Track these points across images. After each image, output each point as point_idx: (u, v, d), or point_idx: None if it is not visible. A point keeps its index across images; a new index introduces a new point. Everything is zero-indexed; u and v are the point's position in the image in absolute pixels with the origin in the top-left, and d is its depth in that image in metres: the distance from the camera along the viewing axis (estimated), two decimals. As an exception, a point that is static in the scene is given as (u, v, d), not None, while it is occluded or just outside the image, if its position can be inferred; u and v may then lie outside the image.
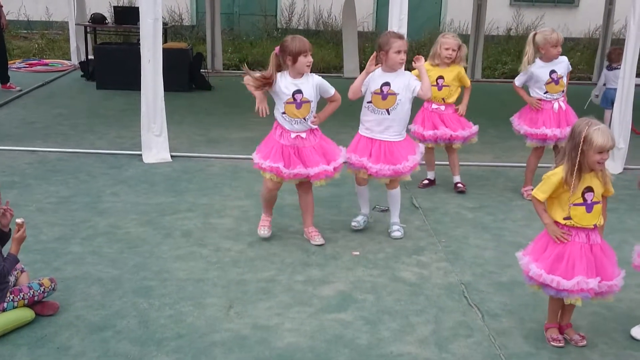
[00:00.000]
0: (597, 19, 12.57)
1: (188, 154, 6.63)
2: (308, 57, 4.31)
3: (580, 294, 3.26)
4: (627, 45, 6.35)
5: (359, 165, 4.58)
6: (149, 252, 4.41)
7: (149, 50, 6.15)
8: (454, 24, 15.08)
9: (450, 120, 5.63)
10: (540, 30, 5.50)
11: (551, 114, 5.49)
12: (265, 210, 4.69)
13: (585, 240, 3.31)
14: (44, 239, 4.55)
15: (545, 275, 3.29)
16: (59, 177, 5.82)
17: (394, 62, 4.47)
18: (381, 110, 4.53)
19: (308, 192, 4.62)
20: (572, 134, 3.26)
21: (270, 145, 4.45)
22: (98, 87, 9.74)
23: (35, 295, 3.51)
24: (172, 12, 14.79)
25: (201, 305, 3.74)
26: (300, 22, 15.44)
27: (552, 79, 5.45)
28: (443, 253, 4.57)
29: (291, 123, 4.37)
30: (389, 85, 4.50)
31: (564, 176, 3.24)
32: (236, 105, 9.06)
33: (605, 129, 3.20)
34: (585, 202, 3.28)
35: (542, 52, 5.41)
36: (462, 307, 3.84)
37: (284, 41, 4.35)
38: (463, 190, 5.74)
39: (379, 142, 4.57)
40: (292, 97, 4.34)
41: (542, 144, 5.54)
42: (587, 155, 3.19)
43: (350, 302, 3.85)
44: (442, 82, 5.57)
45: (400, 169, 4.56)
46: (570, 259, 3.29)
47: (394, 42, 4.44)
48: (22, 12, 14.99)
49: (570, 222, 3.30)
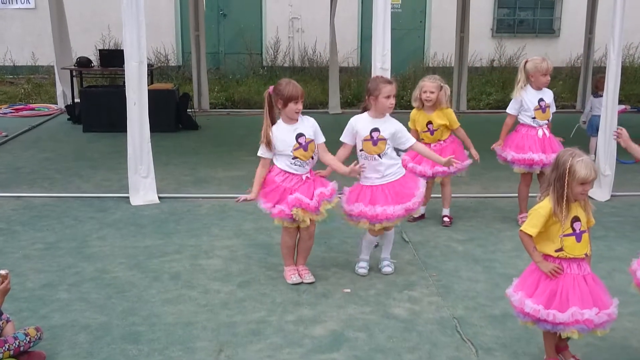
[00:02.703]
0: (578, 48, 12.77)
1: (176, 195, 6.60)
2: (298, 105, 4.34)
3: (575, 326, 3.23)
4: (608, 74, 6.43)
5: (362, 216, 4.48)
6: (137, 296, 4.35)
7: (134, 93, 6.16)
8: (438, 57, 15.26)
9: (447, 153, 5.62)
10: (532, 58, 5.60)
11: (536, 140, 5.57)
12: (289, 260, 4.64)
13: (578, 271, 3.30)
14: (30, 286, 4.48)
15: (543, 311, 3.26)
16: (45, 222, 5.77)
17: (384, 107, 4.48)
18: (374, 156, 4.52)
19: (311, 236, 4.61)
20: (556, 164, 3.28)
21: (276, 190, 4.41)
22: (85, 130, 9.73)
23: (21, 345, 3.44)
24: (158, 52, 14.89)
25: (191, 349, 3.68)
26: (286, 59, 15.58)
27: (540, 106, 5.54)
28: (434, 287, 4.54)
29: (303, 166, 4.39)
30: (378, 131, 4.51)
31: (552, 207, 3.25)
32: (223, 144, 9.08)
33: (588, 160, 3.22)
34: (575, 232, 3.28)
35: (532, 79, 5.53)
36: (455, 342, 3.80)
37: (279, 84, 4.39)
38: (447, 225, 5.74)
39: (380, 187, 4.53)
40: (297, 143, 4.36)
41: (529, 169, 5.59)
42: (571, 187, 3.20)
43: (342, 341, 3.80)
44: (432, 127, 5.62)
45: (410, 206, 4.53)
46: (564, 292, 3.27)
47: (384, 87, 4.46)
48: (7, 57, 15.07)
49: (563, 254, 3.29)
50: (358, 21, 15.67)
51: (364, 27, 15.26)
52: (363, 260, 4.80)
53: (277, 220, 4.46)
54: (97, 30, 14.49)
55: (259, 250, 5.17)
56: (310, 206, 4.35)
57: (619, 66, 6.41)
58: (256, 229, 5.63)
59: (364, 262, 4.79)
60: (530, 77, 5.53)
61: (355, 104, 11.85)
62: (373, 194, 4.51)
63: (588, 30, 11.74)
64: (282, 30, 15.60)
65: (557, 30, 16.10)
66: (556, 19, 16.12)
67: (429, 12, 15.86)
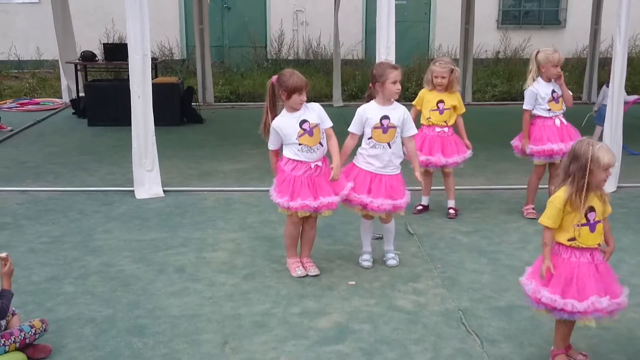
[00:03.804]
0: (584, 39, 12.70)
1: (180, 188, 6.60)
2: (302, 96, 4.32)
3: (593, 314, 3.24)
4: (614, 65, 6.39)
5: (356, 202, 4.53)
6: (143, 289, 4.36)
7: (138, 86, 6.16)
8: (443, 49, 15.20)
9: (449, 144, 5.63)
10: (543, 49, 5.54)
11: (554, 130, 5.52)
12: (292, 252, 4.65)
13: (590, 260, 3.30)
14: (35, 279, 4.50)
15: (560, 300, 3.26)
16: (50, 216, 5.78)
17: (391, 92, 4.46)
18: (383, 144, 4.50)
19: (313, 226, 4.61)
20: (574, 155, 3.25)
21: (288, 182, 4.38)
22: (89, 124, 9.75)
23: (27, 337, 3.46)
24: (162, 46, 14.88)
25: (196, 342, 3.69)
26: (290, 52, 15.55)
27: (553, 97, 5.50)
28: (439, 279, 4.54)
29: (310, 152, 4.36)
30: (388, 118, 4.49)
31: (568, 197, 3.24)
32: (228, 137, 9.07)
33: (606, 146, 3.25)
34: (589, 222, 3.28)
35: (543, 70, 5.47)
36: (460, 334, 3.80)
37: (282, 74, 4.37)
38: (453, 217, 5.73)
39: (379, 176, 4.53)
40: (301, 129, 4.34)
41: (549, 160, 5.55)
42: (595, 175, 3.20)
43: (347, 333, 3.80)
44: (442, 106, 5.59)
45: (399, 203, 4.54)
46: (580, 280, 3.27)
47: (390, 72, 4.43)
48: (12, 52, 15.08)
49: (575, 243, 3.29)
50: (363, 13, 15.62)
51: (369, 20, 15.20)
52: (366, 252, 4.80)
53: (283, 210, 4.44)
54: (102, 24, 14.49)
55: (264, 243, 5.17)
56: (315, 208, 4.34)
57: (625, 57, 6.37)
58: (261, 221, 5.63)
59: (367, 254, 4.79)
60: (541, 68, 5.47)
61: (360, 97, 11.81)
62: (371, 181, 4.51)
63: (594, 21, 11.68)
64: (286, 23, 15.57)
65: (563, 21, 16.01)
66: (562, 9, 16.03)
67: (433, 4, 15.79)
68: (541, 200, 5.77)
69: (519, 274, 4.49)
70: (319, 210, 4.37)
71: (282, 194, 4.38)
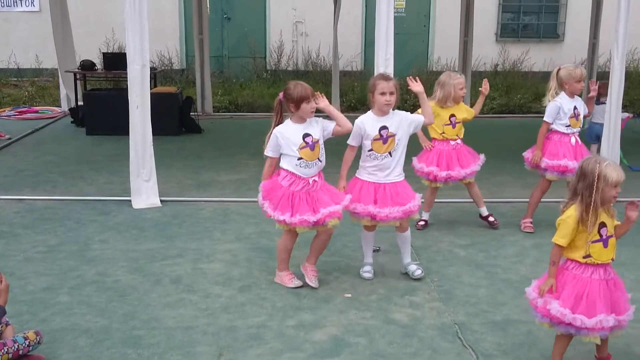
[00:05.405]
0: (582, 52, 12.73)
1: (178, 199, 6.59)
2: (311, 104, 4.32)
3: (600, 332, 3.25)
4: (612, 79, 6.42)
5: (364, 214, 4.51)
6: (138, 300, 4.34)
7: (137, 96, 6.17)
8: (441, 62, 15.24)
9: (464, 155, 5.66)
10: (564, 65, 5.57)
11: (569, 147, 5.53)
12: (285, 265, 4.62)
13: (603, 276, 3.31)
14: (31, 289, 4.48)
15: (570, 315, 3.26)
16: (47, 225, 5.76)
17: (380, 104, 4.47)
18: (384, 155, 4.51)
19: (329, 237, 4.57)
20: (583, 173, 3.27)
21: (287, 198, 4.36)
22: (88, 133, 9.75)
23: (20, 349, 3.43)
24: (162, 56, 14.91)
25: (190, 354, 3.67)
26: (289, 63, 15.58)
27: (575, 114, 5.51)
28: (436, 292, 4.52)
29: (308, 167, 4.35)
30: (386, 128, 4.50)
31: (579, 215, 3.25)
32: (226, 147, 9.07)
33: (614, 163, 3.27)
34: (602, 238, 3.30)
35: (566, 86, 5.47)
36: (456, 348, 3.78)
37: (287, 88, 4.37)
38: (497, 225, 5.76)
39: (383, 185, 4.53)
40: (303, 142, 4.33)
41: (561, 176, 5.53)
42: (604, 192, 3.21)
43: (343, 347, 3.78)
44: (454, 120, 5.63)
45: (410, 207, 4.53)
46: (590, 297, 3.28)
47: (379, 83, 4.45)
48: (12, 60, 15.10)
49: (590, 260, 3.30)
50: (362, 25, 15.67)
51: (368, 31, 15.24)
52: (367, 264, 4.79)
53: (280, 225, 4.43)
54: (102, 33, 14.53)
55: (261, 254, 5.16)
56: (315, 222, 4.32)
57: (623, 71, 6.40)
58: (258, 232, 5.62)
59: (368, 265, 4.78)
60: (565, 85, 5.46)
61: (359, 108, 11.83)
62: (376, 191, 4.50)
63: (592, 35, 11.71)
64: (286, 34, 15.61)
65: (562, 35, 16.07)
66: (560, 23, 16.09)
67: (433, 16, 15.85)
68: (538, 214, 5.80)
69: (516, 288, 4.54)
70: (321, 223, 4.34)
71: (283, 210, 4.35)
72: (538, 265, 4.95)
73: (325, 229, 4.43)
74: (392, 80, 4.51)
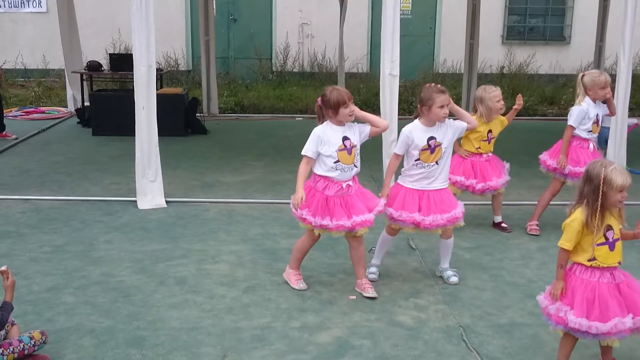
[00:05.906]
0: (589, 55, 12.71)
1: (183, 199, 6.60)
2: (349, 107, 4.30)
3: (617, 335, 3.25)
4: (618, 82, 6.40)
5: (409, 222, 4.49)
6: (143, 300, 4.35)
7: (143, 97, 6.18)
8: (447, 64, 15.24)
9: (496, 166, 5.70)
10: (588, 72, 5.55)
11: (589, 154, 5.52)
12: (297, 264, 4.63)
13: (611, 280, 3.30)
14: (36, 289, 4.49)
15: (586, 323, 3.25)
16: (53, 225, 5.78)
17: (438, 116, 4.45)
18: (431, 164, 4.51)
19: (361, 243, 4.52)
20: (589, 177, 3.27)
21: (321, 202, 4.33)
22: (94, 133, 9.77)
23: (26, 348, 3.45)
24: (168, 57, 14.95)
25: (195, 355, 3.68)
26: (295, 64, 15.60)
27: (597, 120, 5.51)
28: (441, 295, 4.52)
29: (344, 171, 4.33)
30: (434, 138, 4.50)
31: (585, 219, 3.25)
32: (232, 149, 9.07)
33: (620, 167, 3.25)
34: (608, 241, 3.29)
35: (590, 93, 5.44)
36: (461, 351, 3.77)
37: (324, 94, 4.35)
38: (509, 231, 5.78)
39: (427, 192, 4.52)
40: (342, 144, 4.32)
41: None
42: (609, 196, 3.21)
43: (347, 349, 3.78)
44: (490, 136, 5.66)
45: (454, 214, 4.52)
46: (602, 301, 3.27)
47: (437, 97, 4.42)
48: (19, 60, 15.16)
49: (595, 263, 3.29)
50: (368, 27, 15.67)
51: (374, 33, 15.25)
52: (374, 265, 4.79)
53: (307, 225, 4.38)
54: (108, 34, 14.58)
55: (265, 255, 5.16)
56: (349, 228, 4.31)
57: (630, 74, 6.38)
58: (263, 234, 5.63)
59: (374, 267, 4.78)
60: (589, 91, 5.43)
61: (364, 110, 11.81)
62: (420, 199, 4.50)
63: (599, 37, 11.69)
64: (292, 36, 15.63)
65: (568, 38, 16.03)
66: (567, 26, 16.06)
67: (439, 19, 15.84)
68: (543, 217, 5.79)
69: (521, 291, 4.53)
70: (353, 229, 4.33)
71: (315, 212, 4.32)
72: (543, 268, 4.95)
73: (354, 235, 4.41)
74: (446, 92, 4.51)
